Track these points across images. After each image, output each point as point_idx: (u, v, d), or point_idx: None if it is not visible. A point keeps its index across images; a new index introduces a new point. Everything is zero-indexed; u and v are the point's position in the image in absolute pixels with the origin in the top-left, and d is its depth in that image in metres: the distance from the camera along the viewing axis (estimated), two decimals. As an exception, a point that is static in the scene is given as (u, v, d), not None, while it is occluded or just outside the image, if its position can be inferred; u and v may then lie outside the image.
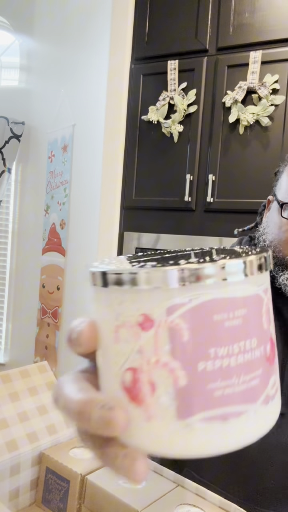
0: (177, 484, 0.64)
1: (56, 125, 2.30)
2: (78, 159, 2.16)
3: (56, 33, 2.32)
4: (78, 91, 2.16)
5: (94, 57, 2.05)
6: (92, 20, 2.07)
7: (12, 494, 0.67)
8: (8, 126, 2.44)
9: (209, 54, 1.72)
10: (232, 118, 1.65)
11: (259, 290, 0.26)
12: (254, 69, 1.61)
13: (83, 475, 0.64)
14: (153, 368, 0.25)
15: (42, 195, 2.44)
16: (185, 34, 1.76)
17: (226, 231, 1.69)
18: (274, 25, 1.60)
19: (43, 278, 2.40)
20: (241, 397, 0.25)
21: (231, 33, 1.67)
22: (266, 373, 0.27)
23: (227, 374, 0.25)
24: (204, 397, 0.25)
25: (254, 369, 0.26)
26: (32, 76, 2.49)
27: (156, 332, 0.25)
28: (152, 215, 1.85)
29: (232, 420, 0.25)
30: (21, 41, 2.51)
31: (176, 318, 0.24)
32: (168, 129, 1.78)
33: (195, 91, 1.73)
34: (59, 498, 0.66)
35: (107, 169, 1.92)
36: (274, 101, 1.59)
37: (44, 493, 0.69)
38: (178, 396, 0.25)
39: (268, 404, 0.27)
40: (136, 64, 1.87)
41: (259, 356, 0.26)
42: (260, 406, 0.26)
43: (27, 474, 0.69)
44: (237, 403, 0.25)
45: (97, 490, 0.62)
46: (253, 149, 1.64)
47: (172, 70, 1.77)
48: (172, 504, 0.60)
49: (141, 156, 1.86)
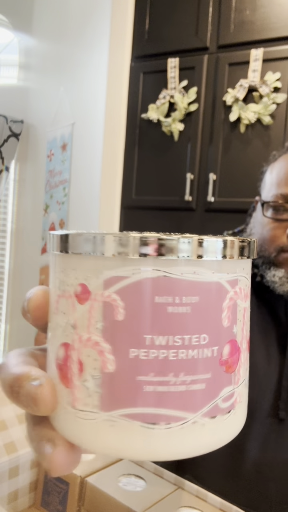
0: (178, 486, 0.64)
1: (55, 123, 2.30)
2: (78, 158, 2.15)
3: (55, 31, 2.32)
4: (78, 89, 2.16)
5: (93, 55, 2.05)
6: (91, 18, 2.07)
7: (11, 497, 0.67)
8: (6, 125, 2.43)
9: (209, 52, 1.72)
10: (233, 117, 1.64)
11: (222, 279, 0.22)
12: (255, 67, 1.61)
13: (83, 477, 0.64)
14: (83, 346, 0.22)
15: (41, 194, 2.43)
16: (186, 32, 1.75)
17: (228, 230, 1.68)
18: (275, 22, 1.59)
19: (42, 278, 2.39)
20: (176, 401, 0.22)
21: (232, 30, 1.67)
22: (217, 380, 0.22)
23: (163, 368, 0.21)
24: (131, 390, 0.21)
25: (200, 371, 0.22)
26: (31, 74, 2.49)
27: (91, 306, 0.22)
28: (152, 214, 1.85)
29: (161, 424, 0.22)
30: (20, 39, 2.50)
31: (112, 293, 0.21)
32: (168, 128, 1.78)
33: (196, 89, 1.72)
34: (58, 501, 0.66)
35: (107, 168, 1.91)
36: (276, 99, 1.58)
37: (43, 495, 0.68)
38: (104, 383, 0.22)
39: (216, 418, 0.23)
40: (136, 62, 1.87)
41: (209, 357, 0.22)
42: (202, 417, 0.22)
43: (26, 476, 0.69)
44: (171, 406, 0.21)
45: (96, 492, 0.61)
46: (254, 147, 1.64)
47: (173, 68, 1.76)
48: (173, 506, 0.60)
49: (141, 155, 1.86)
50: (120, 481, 0.64)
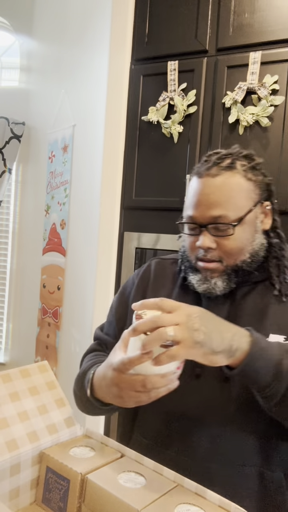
0: (177, 483, 0.65)
1: (57, 125, 2.31)
2: (78, 159, 2.16)
3: (56, 34, 2.33)
4: (78, 92, 2.16)
5: (94, 58, 2.05)
6: (92, 21, 2.08)
7: (12, 494, 0.68)
8: (8, 127, 2.44)
9: (209, 55, 1.73)
10: (232, 119, 1.65)
11: None
12: (253, 69, 1.62)
13: (83, 474, 0.64)
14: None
15: (42, 195, 2.44)
16: (185, 35, 1.76)
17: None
18: (273, 25, 1.60)
19: (43, 278, 2.40)
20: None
21: (231, 33, 1.68)
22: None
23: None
24: None
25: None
26: (33, 77, 2.50)
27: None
28: (152, 215, 1.86)
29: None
30: (22, 42, 2.51)
31: None
32: (168, 130, 1.79)
33: (195, 91, 1.73)
34: (59, 498, 0.66)
35: (107, 169, 1.92)
36: (274, 101, 1.59)
37: (45, 492, 0.69)
38: None
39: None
40: (136, 64, 1.88)
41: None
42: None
43: (27, 473, 0.69)
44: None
45: (97, 489, 0.62)
46: (253, 149, 1.63)
47: (172, 71, 1.77)
48: (172, 503, 0.60)
49: (141, 157, 1.87)
50: (120, 478, 0.64)
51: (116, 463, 0.69)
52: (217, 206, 0.80)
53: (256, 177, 0.84)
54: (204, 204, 0.81)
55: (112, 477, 0.64)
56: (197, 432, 0.82)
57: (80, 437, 0.76)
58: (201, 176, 0.84)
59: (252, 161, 0.87)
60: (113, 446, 0.73)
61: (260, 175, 0.86)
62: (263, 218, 0.86)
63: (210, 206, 0.80)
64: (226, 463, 0.80)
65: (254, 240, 0.83)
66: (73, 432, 0.77)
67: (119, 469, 0.67)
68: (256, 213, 0.84)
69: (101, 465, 0.67)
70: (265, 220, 0.86)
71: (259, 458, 0.79)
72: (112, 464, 0.69)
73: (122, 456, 0.71)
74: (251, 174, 0.84)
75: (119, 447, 0.73)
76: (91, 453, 0.71)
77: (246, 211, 0.81)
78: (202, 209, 0.81)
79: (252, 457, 0.80)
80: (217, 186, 0.81)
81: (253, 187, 0.83)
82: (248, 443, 0.80)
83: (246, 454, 0.80)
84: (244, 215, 0.81)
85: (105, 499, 0.61)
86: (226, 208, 0.80)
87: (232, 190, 0.81)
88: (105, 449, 0.73)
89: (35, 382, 0.78)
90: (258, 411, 0.76)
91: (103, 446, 0.74)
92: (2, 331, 2.66)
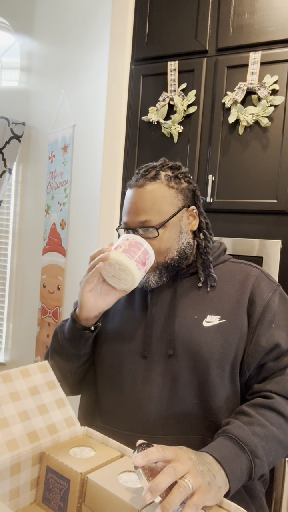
0: (177, 483, 0.65)
1: (57, 125, 2.31)
2: (79, 159, 2.16)
3: (56, 34, 2.33)
4: (79, 92, 2.16)
5: (94, 58, 2.05)
6: (92, 21, 2.08)
7: (12, 493, 0.68)
8: (8, 127, 2.44)
9: (208, 55, 1.73)
10: (232, 119, 1.65)
11: None
12: (253, 69, 1.62)
13: (84, 474, 0.64)
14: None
15: (42, 195, 2.44)
16: (185, 35, 1.76)
17: (226, 232, 1.69)
18: (273, 26, 1.60)
19: (43, 278, 2.40)
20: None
21: (231, 34, 1.68)
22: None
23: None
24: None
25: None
26: (33, 77, 2.50)
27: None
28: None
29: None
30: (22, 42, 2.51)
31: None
32: (168, 130, 1.79)
33: (195, 91, 1.73)
34: (59, 497, 0.67)
35: (107, 169, 1.92)
36: (274, 101, 1.59)
37: (45, 492, 0.69)
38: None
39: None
40: (136, 65, 1.88)
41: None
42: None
43: (27, 473, 0.69)
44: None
45: (97, 489, 0.62)
46: (253, 149, 1.65)
47: (172, 71, 1.78)
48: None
49: (141, 157, 1.87)
50: (120, 478, 0.64)
51: (116, 463, 0.69)
52: (142, 212, 0.92)
53: (178, 185, 0.95)
54: (133, 211, 0.93)
55: (112, 477, 0.64)
56: (146, 407, 0.91)
57: (80, 437, 0.76)
58: (131, 187, 0.96)
59: (176, 170, 0.97)
60: (113, 446, 0.74)
61: (183, 183, 0.97)
62: (192, 221, 0.98)
63: (137, 213, 0.92)
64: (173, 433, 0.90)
65: (180, 240, 0.94)
66: (73, 432, 0.77)
67: (119, 469, 0.67)
68: (181, 216, 0.95)
69: (101, 465, 0.67)
70: (193, 222, 0.98)
71: (202, 428, 0.89)
72: (112, 464, 0.69)
73: (122, 456, 0.72)
74: (174, 183, 0.95)
75: (119, 447, 0.73)
76: (91, 453, 0.71)
77: (170, 216, 0.93)
78: (132, 216, 0.93)
79: (196, 427, 0.89)
80: (142, 195, 0.93)
81: (175, 194, 0.94)
82: (193, 415, 0.90)
83: (191, 424, 0.90)
84: (168, 219, 0.92)
85: (105, 499, 0.61)
86: (150, 214, 0.92)
87: (155, 197, 0.92)
88: (105, 449, 0.73)
89: (35, 382, 0.78)
90: (199, 387, 0.89)
91: (103, 446, 0.74)
92: (2, 331, 2.66)
